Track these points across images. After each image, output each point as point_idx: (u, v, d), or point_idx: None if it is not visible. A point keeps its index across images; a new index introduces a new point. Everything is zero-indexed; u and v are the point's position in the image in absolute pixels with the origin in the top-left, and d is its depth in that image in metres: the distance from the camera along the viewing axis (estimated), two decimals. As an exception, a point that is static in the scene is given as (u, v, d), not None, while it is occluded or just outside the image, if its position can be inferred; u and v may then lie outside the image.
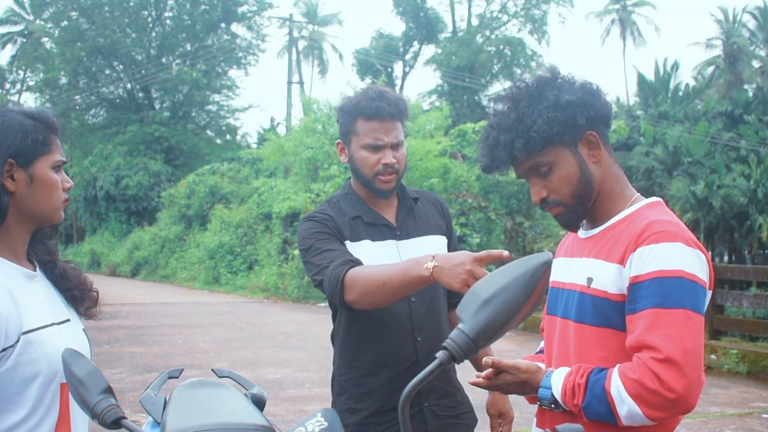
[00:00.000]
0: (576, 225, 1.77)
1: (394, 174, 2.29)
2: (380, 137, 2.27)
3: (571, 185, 1.70)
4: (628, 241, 1.63)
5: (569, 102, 1.67)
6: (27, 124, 1.67)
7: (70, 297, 1.79)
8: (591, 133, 1.71)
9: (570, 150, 1.70)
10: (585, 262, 1.73)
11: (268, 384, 7.32)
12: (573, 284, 1.75)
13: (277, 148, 19.47)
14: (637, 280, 1.59)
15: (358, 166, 2.31)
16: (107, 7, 36.67)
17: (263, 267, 19.98)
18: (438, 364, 1.22)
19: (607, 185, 1.74)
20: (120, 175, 30.88)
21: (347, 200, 2.37)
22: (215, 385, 1.37)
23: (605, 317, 1.65)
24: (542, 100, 1.69)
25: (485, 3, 39.49)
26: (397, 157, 2.29)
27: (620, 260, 1.63)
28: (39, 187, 1.67)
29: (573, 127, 1.68)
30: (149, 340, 10.60)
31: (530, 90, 1.71)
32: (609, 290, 1.65)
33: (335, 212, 2.33)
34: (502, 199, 16.99)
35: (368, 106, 2.26)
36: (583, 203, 1.72)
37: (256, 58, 46.67)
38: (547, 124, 1.66)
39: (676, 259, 1.57)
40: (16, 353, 1.57)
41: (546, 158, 1.70)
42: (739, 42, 36.75)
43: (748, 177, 21.90)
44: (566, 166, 1.70)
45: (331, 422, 1.32)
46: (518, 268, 1.23)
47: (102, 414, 1.33)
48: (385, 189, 2.31)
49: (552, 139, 1.66)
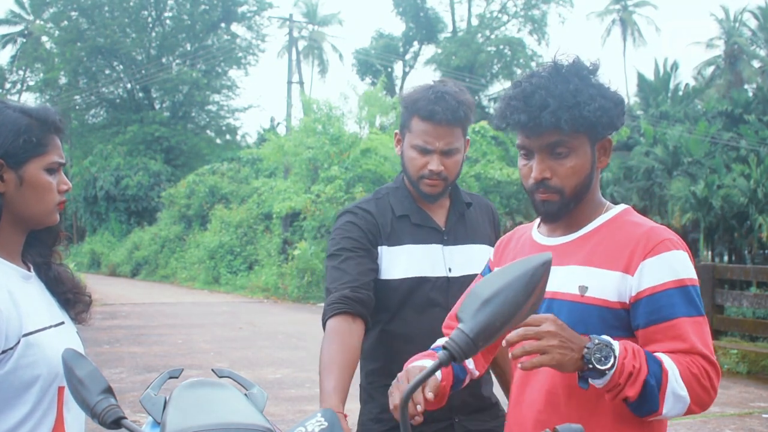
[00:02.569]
0: (558, 219, 1.70)
1: (440, 181, 2.17)
2: (430, 141, 2.13)
3: (578, 178, 1.66)
4: (631, 248, 1.61)
5: (621, 100, 1.65)
6: (21, 123, 1.61)
7: (63, 300, 1.76)
8: (609, 139, 1.69)
9: (590, 144, 1.66)
10: (571, 269, 1.66)
11: (268, 384, 7.32)
12: (561, 293, 1.66)
13: (277, 148, 19.48)
14: (656, 290, 1.57)
15: (405, 165, 2.20)
16: (107, 7, 36.70)
17: (263, 267, 19.98)
18: (438, 364, 1.22)
19: (592, 192, 1.72)
20: (120, 175, 30.90)
21: (397, 195, 2.25)
22: (215, 385, 1.37)
23: (607, 326, 1.61)
24: (592, 84, 1.63)
25: (485, 3, 39.52)
26: (446, 164, 2.16)
27: (624, 268, 1.60)
28: (29, 189, 1.62)
29: (609, 125, 1.64)
30: (149, 340, 10.61)
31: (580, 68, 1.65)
32: (609, 298, 1.61)
33: (380, 208, 2.22)
34: (502, 199, 17.00)
35: (424, 108, 2.13)
36: (576, 200, 1.68)
37: (256, 58, 46.79)
38: (600, 111, 1.60)
39: (688, 267, 1.60)
40: (16, 356, 1.55)
41: (573, 142, 1.63)
42: (740, 42, 36.76)
43: (748, 177, 21.91)
44: (582, 159, 1.65)
45: (331, 422, 1.32)
46: (518, 268, 1.23)
47: (102, 414, 1.32)
48: (429, 193, 2.19)
49: (594, 127, 1.62)
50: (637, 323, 1.60)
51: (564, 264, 1.68)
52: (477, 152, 18.60)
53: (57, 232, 1.78)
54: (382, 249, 2.17)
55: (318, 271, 17.09)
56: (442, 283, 2.18)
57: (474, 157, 18.45)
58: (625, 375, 1.47)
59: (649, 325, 1.58)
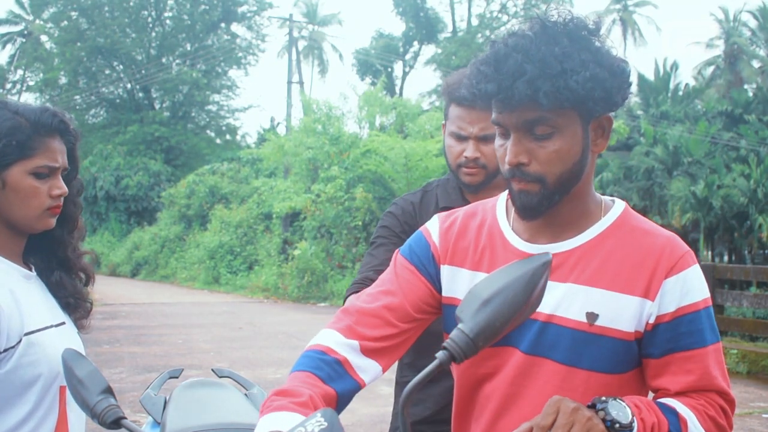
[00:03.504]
0: (537, 215, 1.38)
1: (478, 169, 2.05)
2: (464, 127, 2.05)
3: (563, 165, 1.33)
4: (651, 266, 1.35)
5: (623, 69, 1.33)
6: (7, 125, 1.57)
7: (64, 303, 1.75)
8: (609, 117, 1.37)
9: (582, 124, 1.34)
10: (575, 289, 1.36)
11: (268, 384, 7.31)
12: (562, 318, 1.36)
13: (277, 148, 19.48)
14: (677, 314, 1.33)
15: (446, 153, 2.13)
16: (107, 7, 36.69)
17: (263, 267, 19.98)
18: (437, 364, 1.22)
19: (585, 184, 1.40)
20: (120, 175, 30.89)
21: (446, 187, 2.19)
22: (215, 385, 1.37)
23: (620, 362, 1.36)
24: (587, 48, 1.31)
25: (485, 3, 39.52)
26: (484, 152, 2.04)
27: (644, 292, 1.34)
28: (12, 193, 1.59)
29: (604, 100, 1.31)
30: (149, 340, 10.60)
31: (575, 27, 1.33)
32: (625, 329, 1.34)
33: (425, 201, 2.18)
34: (502, 199, 16.97)
35: (458, 92, 2.03)
36: (561, 192, 1.36)
37: (256, 58, 46.77)
38: (592, 82, 1.27)
39: (704, 285, 1.38)
40: (17, 354, 1.54)
41: (557, 119, 1.31)
42: (740, 42, 36.75)
43: (748, 177, 21.91)
44: (570, 141, 1.33)
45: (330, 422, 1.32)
46: (518, 268, 1.23)
47: (102, 414, 1.33)
48: (468, 182, 2.08)
49: (584, 102, 1.29)
50: (649, 352, 1.35)
51: (561, 280, 1.37)
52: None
53: (60, 239, 1.75)
54: None
55: (318, 271, 17.09)
56: None
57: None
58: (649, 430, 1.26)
59: (664, 355, 1.35)
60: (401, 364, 2.24)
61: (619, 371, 1.36)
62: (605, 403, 1.24)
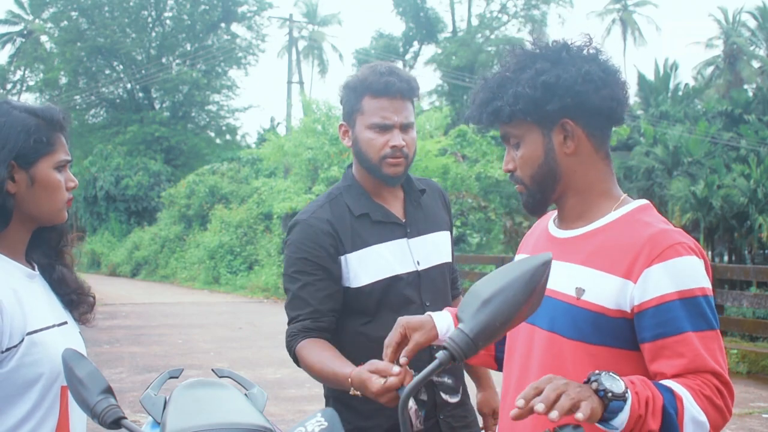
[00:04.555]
0: (535, 209, 1.63)
1: (402, 158, 2.08)
2: (389, 116, 2.05)
3: (533, 168, 1.58)
4: (635, 252, 1.47)
5: (544, 82, 1.52)
6: (30, 123, 1.62)
7: (67, 300, 1.76)
8: (567, 121, 1.54)
9: (541, 132, 1.56)
10: (570, 268, 1.55)
11: (268, 384, 7.31)
12: (557, 292, 1.55)
13: (277, 149, 19.48)
14: (662, 300, 1.43)
15: (362, 149, 2.09)
16: (107, 7, 36.68)
17: (263, 267, 19.98)
18: (438, 364, 1.22)
19: (581, 181, 1.58)
20: (120, 175, 30.88)
21: (351, 193, 2.14)
22: (215, 385, 1.37)
23: (602, 334, 1.49)
24: (526, 70, 1.54)
25: (485, 3, 39.52)
26: (406, 140, 2.08)
27: (626, 274, 1.47)
28: (41, 188, 1.63)
29: (541, 110, 1.53)
30: (149, 340, 10.60)
31: (524, 57, 1.57)
32: (606, 305, 1.48)
33: (336, 212, 2.10)
34: (501, 199, 17.00)
35: (377, 81, 2.05)
36: (543, 191, 1.59)
37: (256, 58, 46.77)
38: (515, 98, 1.53)
39: (695, 275, 1.47)
40: (19, 354, 1.55)
41: (515, 131, 1.58)
42: (739, 42, 36.75)
43: (748, 177, 21.92)
44: (532, 147, 1.57)
45: (330, 422, 1.32)
46: (518, 268, 1.23)
47: (102, 414, 1.33)
48: (392, 174, 2.08)
49: (516, 115, 1.54)
50: (642, 336, 1.47)
51: (564, 260, 1.57)
52: (477, 152, 18.59)
53: (62, 232, 1.78)
54: (345, 258, 2.07)
55: (318, 271, 17.06)
56: (414, 278, 2.13)
57: (474, 157, 18.44)
58: (643, 404, 1.33)
59: (655, 339, 1.45)
60: None
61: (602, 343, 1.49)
62: (598, 375, 1.32)
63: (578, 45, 1.57)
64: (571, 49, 1.56)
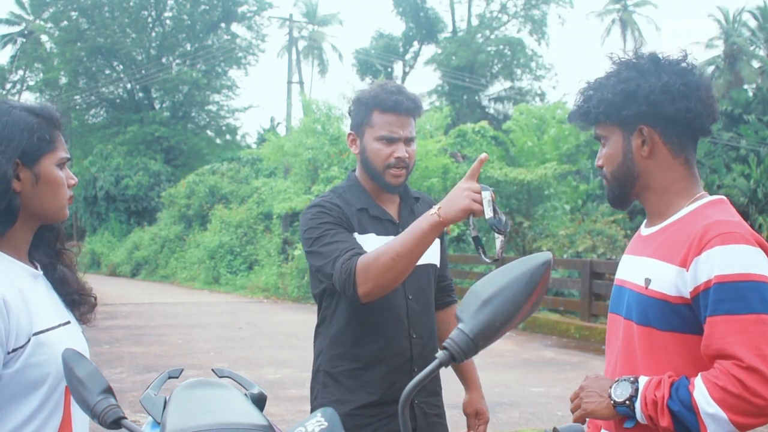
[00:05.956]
0: (615, 203, 1.81)
1: (404, 169, 2.32)
2: (396, 130, 2.30)
3: (613, 166, 1.76)
4: (689, 242, 1.60)
5: (623, 90, 1.70)
6: (32, 121, 1.63)
7: (69, 300, 1.76)
8: (643, 126, 1.71)
9: (623, 134, 1.74)
10: (644, 261, 1.73)
11: (268, 384, 7.31)
12: (632, 283, 1.74)
13: (277, 149, 19.47)
14: (707, 285, 1.55)
15: (369, 158, 2.32)
16: (107, 7, 36.66)
17: (263, 267, 19.98)
18: (438, 364, 1.22)
19: (659, 181, 1.73)
20: (120, 175, 30.86)
21: (353, 191, 2.37)
22: (215, 385, 1.37)
23: (668, 321, 1.63)
24: (612, 78, 1.73)
25: (485, 3, 39.49)
26: (409, 153, 2.32)
27: (682, 263, 1.60)
28: (45, 186, 1.64)
29: (620, 115, 1.72)
30: (149, 340, 10.60)
31: (617, 64, 1.76)
32: (668, 293, 1.63)
33: (342, 202, 2.33)
34: (502, 199, 16.98)
35: (387, 99, 2.29)
36: (621, 187, 1.77)
37: (256, 58, 46.75)
38: (598, 103, 1.73)
39: (741, 261, 1.54)
40: (26, 354, 1.55)
41: (601, 131, 1.77)
42: (739, 42, 36.75)
43: (748, 177, 21.91)
44: (613, 147, 1.76)
45: (331, 422, 1.32)
46: (518, 268, 1.24)
47: (102, 414, 1.33)
48: (394, 183, 2.32)
49: (600, 118, 1.74)
50: (699, 320, 1.59)
51: (639, 254, 1.76)
52: (477, 152, 18.58)
53: (59, 231, 1.79)
54: (355, 236, 2.28)
55: (318, 271, 17.06)
56: None
57: (474, 157, 18.43)
58: (651, 405, 1.55)
59: (704, 323, 1.57)
60: (331, 354, 2.33)
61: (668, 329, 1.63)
62: (616, 383, 1.61)
63: (669, 58, 1.73)
64: (660, 60, 1.72)
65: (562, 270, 13.28)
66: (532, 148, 18.52)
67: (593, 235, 14.61)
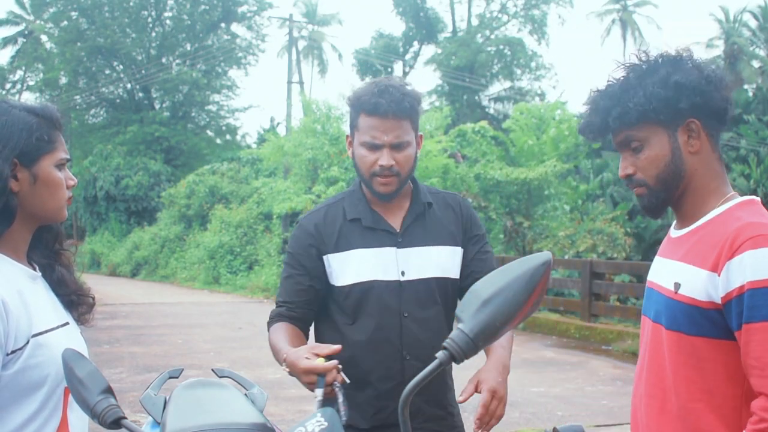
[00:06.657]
0: (655, 211, 1.71)
1: (393, 177, 2.10)
2: (378, 135, 2.08)
3: (659, 168, 1.65)
4: (721, 246, 1.55)
5: (677, 82, 1.61)
6: (31, 121, 1.62)
7: (67, 301, 1.76)
8: (693, 120, 1.64)
9: (667, 132, 1.65)
10: (674, 265, 1.67)
11: (268, 384, 7.31)
12: (661, 287, 1.69)
13: (277, 149, 19.47)
14: (740, 291, 1.51)
15: (357, 165, 2.16)
16: (107, 7, 36.65)
17: (263, 267, 19.97)
18: (438, 364, 1.22)
19: (699, 179, 1.66)
20: (120, 175, 30.86)
21: (352, 198, 2.21)
22: (215, 385, 1.37)
23: (698, 325, 1.58)
24: (653, 74, 1.64)
25: (485, 3, 39.50)
26: (398, 159, 2.09)
27: (713, 267, 1.55)
28: (43, 186, 1.63)
29: (674, 109, 1.62)
30: (149, 340, 10.60)
31: (647, 63, 1.67)
32: (698, 297, 1.58)
33: (329, 217, 2.18)
34: (501, 199, 16.98)
35: (368, 101, 2.08)
36: (667, 189, 1.67)
37: (256, 58, 46.70)
38: (647, 99, 1.61)
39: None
40: (25, 356, 1.54)
41: (640, 133, 1.65)
42: (740, 42, 36.75)
43: (748, 177, 21.90)
44: (658, 147, 1.65)
45: (331, 422, 1.32)
46: (518, 267, 1.23)
47: (102, 414, 1.33)
48: (383, 192, 2.12)
49: (648, 115, 1.62)
50: (732, 326, 1.54)
51: (670, 257, 1.71)
52: (477, 152, 18.58)
53: (57, 232, 1.78)
54: (328, 258, 2.17)
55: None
56: (394, 287, 2.13)
57: (474, 157, 18.43)
58: None
59: (738, 330, 1.53)
60: None
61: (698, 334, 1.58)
62: None
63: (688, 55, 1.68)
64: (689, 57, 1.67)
65: (562, 270, 13.28)
66: (532, 147, 18.51)
67: (593, 234, 14.62)
